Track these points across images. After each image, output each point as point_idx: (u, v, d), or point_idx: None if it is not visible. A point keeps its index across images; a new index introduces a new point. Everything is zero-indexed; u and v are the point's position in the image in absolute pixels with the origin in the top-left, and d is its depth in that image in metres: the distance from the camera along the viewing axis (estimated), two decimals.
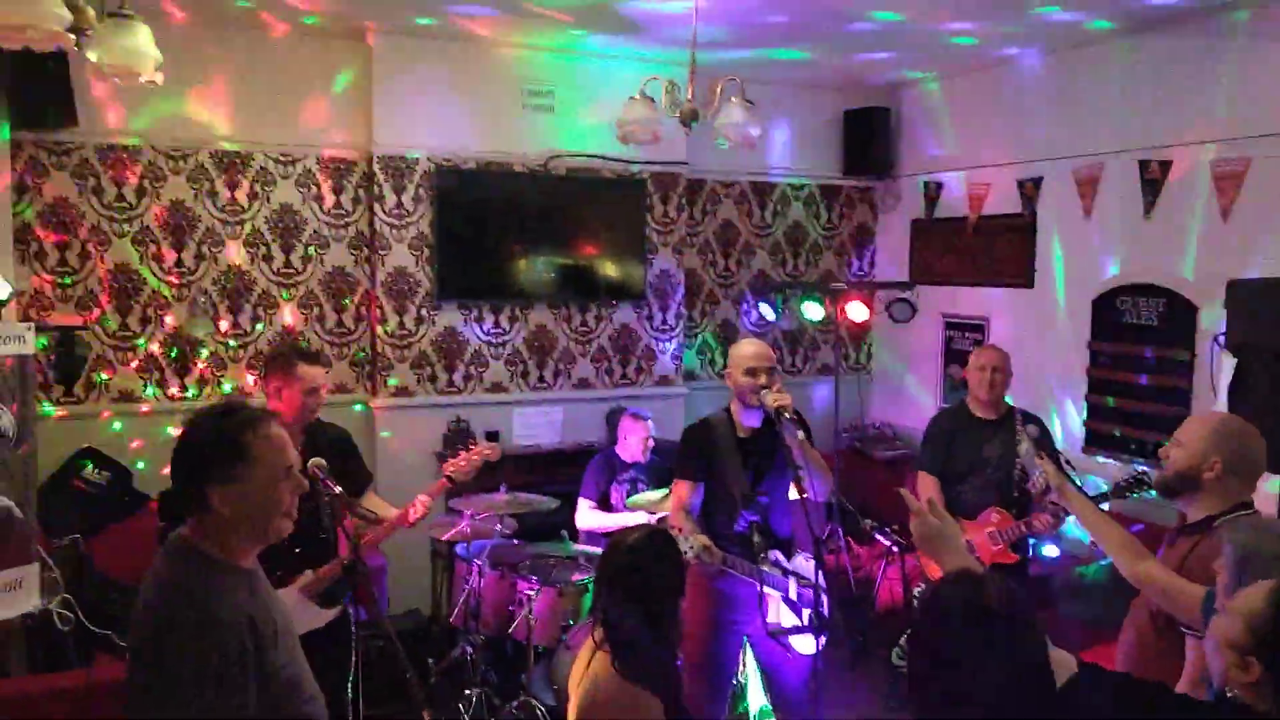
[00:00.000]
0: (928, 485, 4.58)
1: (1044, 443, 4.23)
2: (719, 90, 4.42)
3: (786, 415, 3.50)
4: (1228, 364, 4.27)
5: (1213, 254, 5.49)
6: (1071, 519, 4.39)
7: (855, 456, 7.24)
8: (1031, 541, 4.75)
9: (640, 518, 5.13)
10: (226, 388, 6.23)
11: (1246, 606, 2.11)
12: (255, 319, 6.37)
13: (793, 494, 3.60)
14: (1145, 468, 4.03)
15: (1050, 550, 5.64)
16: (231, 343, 6.33)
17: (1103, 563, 5.47)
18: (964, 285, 7.05)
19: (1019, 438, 4.27)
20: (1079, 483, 4.00)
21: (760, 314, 7.09)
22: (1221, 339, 4.45)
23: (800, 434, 3.53)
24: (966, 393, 4.69)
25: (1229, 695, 2.14)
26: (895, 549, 5.41)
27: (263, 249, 6.38)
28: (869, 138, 7.43)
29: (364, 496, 4.07)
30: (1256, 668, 2.08)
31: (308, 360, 4.04)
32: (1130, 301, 5.78)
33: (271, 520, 2.52)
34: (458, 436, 6.49)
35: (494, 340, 6.68)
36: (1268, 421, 3.13)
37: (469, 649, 5.01)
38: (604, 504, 5.57)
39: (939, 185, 7.26)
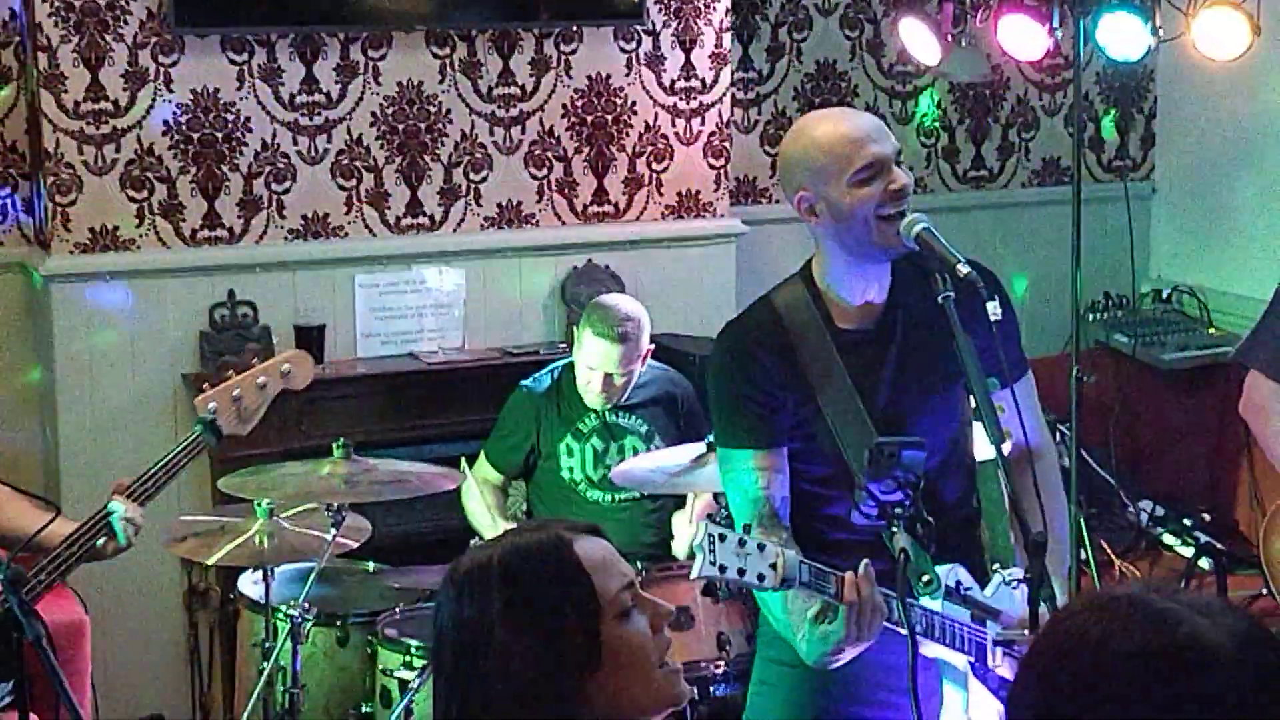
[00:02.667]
0: (1271, 400, 3.65)
1: None
2: None
3: (961, 272, 2.64)
4: None
5: None
6: None
7: (1120, 364, 5.34)
8: None
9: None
10: None
11: None
12: None
13: (982, 448, 2.88)
14: None
15: None
16: None
17: None
18: None
19: None
20: None
21: (905, 47, 5.27)
22: None
23: (996, 313, 2.68)
24: None
25: None
26: (1211, 562, 4.59)
27: None
28: None
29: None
30: None
31: None
32: None
33: None
34: (230, 338, 4.85)
35: (306, 120, 4.82)
36: None
37: None
38: (529, 477, 4.34)
39: None
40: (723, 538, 2.54)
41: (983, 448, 2.84)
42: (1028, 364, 2.94)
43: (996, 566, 2.85)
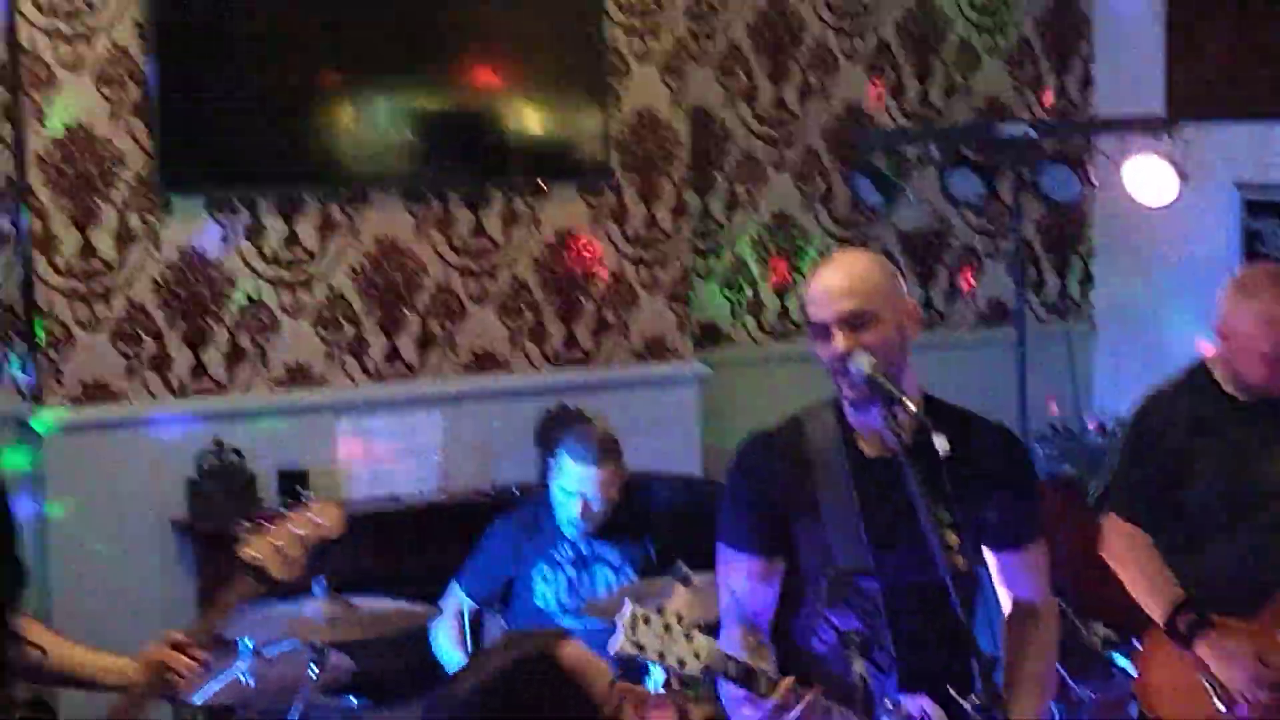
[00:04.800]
0: (1128, 545, 3.67)
1: None
2: None
3: (910, 408, 2.75)
4: None
5: None
6: None
7: (1064, 490, 5.47)
8: None
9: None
10: None
11: None
12: None
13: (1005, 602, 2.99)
14: None
15: None
16: None
17: None
18: None
19: None
20: None
21: (857, 194, 5.56)
22: None
23: (944, 448, 2.70)
24: (1214, 357, 3.74)
25: None
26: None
27: None
28: None
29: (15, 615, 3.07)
30: None
31: None
32: None
33: None
34: (217, 485, 4.86)
35: (288, 276, 4.97)
36: None
37: None
38: (506, 605, 4.31)
39: None
40: (647, 620, 2.59)
41: (1005, 601, 2.96)
42: (1040, 536, 3.01)
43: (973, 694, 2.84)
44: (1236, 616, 3.54)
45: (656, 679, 3.31)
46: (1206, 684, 3.47)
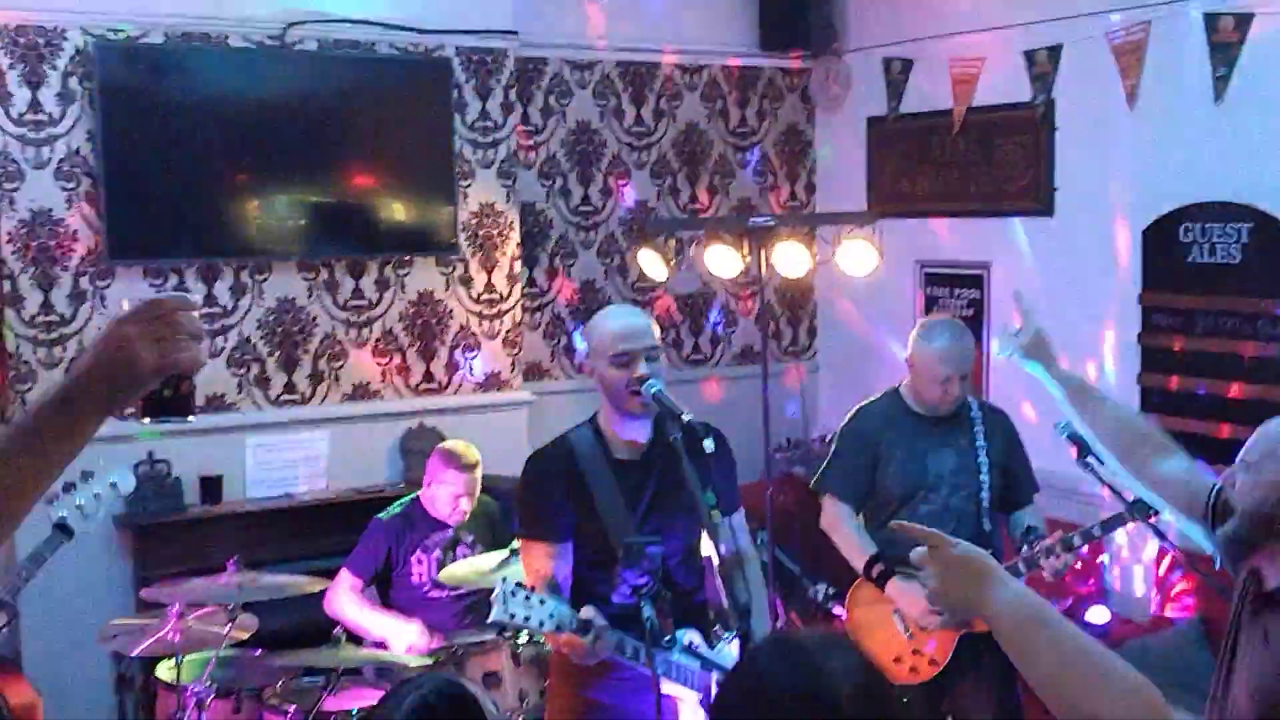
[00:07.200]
0: (838, 517, 3.88)
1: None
2: None
3: (685, 419, 2.88)
4: None
5: None
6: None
7: (796, 488, 5.76)
8: None
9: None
10: None
11: None
12: None
13: (706, 545, 3.10)
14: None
15: (1096, 614, 4.91)
16: None
17: (1180, 625, 4.74)
18: (949, 215, 6.03)
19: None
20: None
21: (642, 269, 5.73)
22: None
23: (710, 447, 2.89)
24: (904, 384, 3.94)
25: None
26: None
27: None
28: None
29: None
30: None
31: None
32: (1199, 230, 4.95)
33: None
34: (155, 489, 4.97)
35: (209, 325, 5.16)
36: None
37: None
38: (387, 583, 4.40)
39: (907, 64, 6.11)
40: (514, 594, 2.81)
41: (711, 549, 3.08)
42: (740, 501, 3.27)
43: (717, 628, 3.22)
44: (914, 570, 3.62)
45: (523, 640, 3.68)
46: (895, 618, 3.80)
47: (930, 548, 1.80)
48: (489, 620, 2.83)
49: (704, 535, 3.04)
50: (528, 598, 2.78)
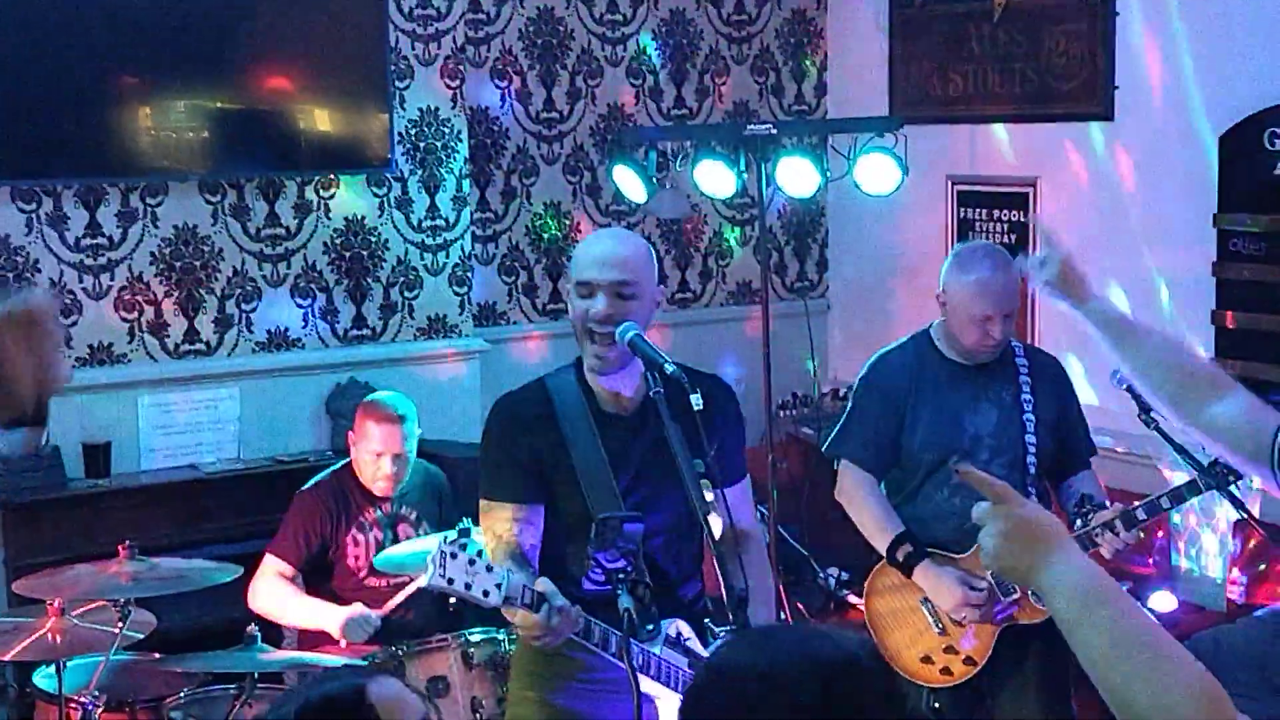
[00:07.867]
0: (856, 486, 3.81)
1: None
2: None
3: (668, 370, 2.82)
4: None
5: None
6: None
7: (804, 453, 5.79)
8: None
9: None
10: None
11: None
12: None
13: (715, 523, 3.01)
14: None
15: (1160, 600, 4.87)
16: None
17: (1259, 614, 4.58)
18: (988, 120, 5.95)
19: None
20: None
21: (617, 189, 5.71)
22: None
23: (698, 403, 2.82)
24: (935, 326, 3.88)
25: None
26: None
27: None
28: None
29: None
30: None
31: None
32: None
33: None
34: (31, 461, 4.83)
35: (92, 260, 5.05)
36: None
37: None
38: (321, 571, 4.29)
39: None
40: (454, 555, 2.69)
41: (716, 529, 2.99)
42: (746, 470, 3.19)
43: (707, 621, 3.09)
44: (948, 552, 3.74)
45: (475, 637, 3.59)
46: (924, 609, 3.69)
47: (996, 503, 1.86)
48: (421, 585, 2.81)
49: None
50: (472, 562, 2.66)
